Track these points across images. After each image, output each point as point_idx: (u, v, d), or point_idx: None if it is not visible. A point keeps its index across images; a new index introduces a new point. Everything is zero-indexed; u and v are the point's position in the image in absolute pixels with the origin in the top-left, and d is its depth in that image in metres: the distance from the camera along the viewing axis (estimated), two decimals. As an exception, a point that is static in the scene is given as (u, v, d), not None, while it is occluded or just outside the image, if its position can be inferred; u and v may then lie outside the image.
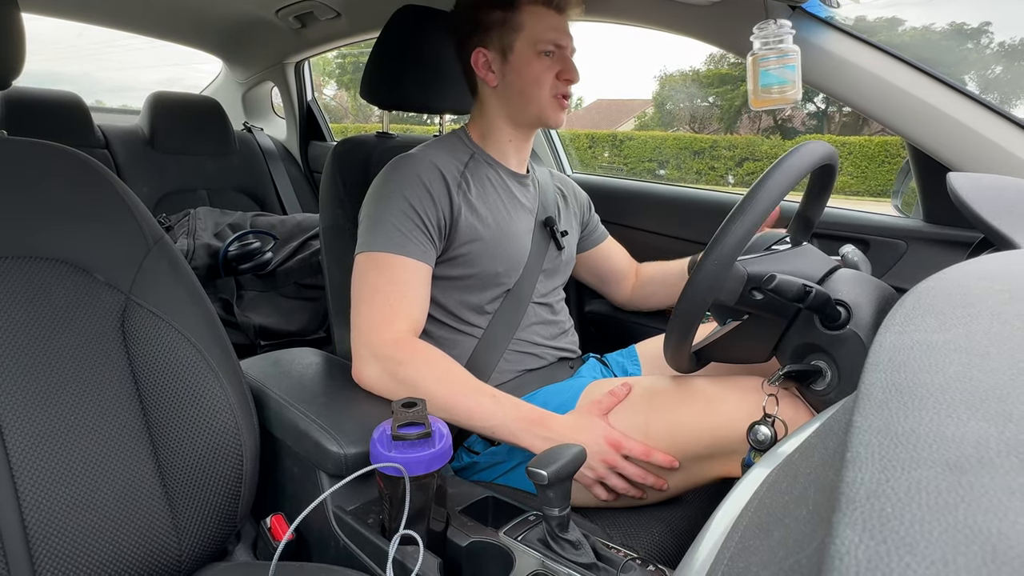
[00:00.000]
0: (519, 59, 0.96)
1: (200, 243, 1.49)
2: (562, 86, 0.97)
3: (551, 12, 0.96)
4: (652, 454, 0.77)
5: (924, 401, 0.22)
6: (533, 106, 0.97)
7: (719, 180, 10.64)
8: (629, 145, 12.72)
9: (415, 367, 0.82)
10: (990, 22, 17.26)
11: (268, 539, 0.75)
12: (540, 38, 0.95)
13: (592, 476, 0.79)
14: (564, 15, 0.97)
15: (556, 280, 1.08)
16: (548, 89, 0.96)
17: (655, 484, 0.79)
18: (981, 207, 0.55)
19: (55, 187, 0.72)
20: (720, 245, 0.64)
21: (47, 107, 1.75)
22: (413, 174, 0.92)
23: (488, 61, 0.98)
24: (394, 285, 0.87)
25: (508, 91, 0.98)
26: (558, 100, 0.98)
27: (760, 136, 14.50)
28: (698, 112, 17.09)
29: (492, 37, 0.97)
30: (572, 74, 0.97)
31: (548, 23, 0.95)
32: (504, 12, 0.95)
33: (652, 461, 0.78)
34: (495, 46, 0.97)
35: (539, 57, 0.95)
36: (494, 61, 0.98)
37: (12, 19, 0.73)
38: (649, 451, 0.78)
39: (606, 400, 0.83)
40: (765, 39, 0.90)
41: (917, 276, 0.44)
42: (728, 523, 0.34)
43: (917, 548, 0.16)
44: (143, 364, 0.70)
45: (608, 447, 0.78)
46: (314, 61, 2.24)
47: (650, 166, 12.04)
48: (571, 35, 0.99)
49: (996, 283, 0.33)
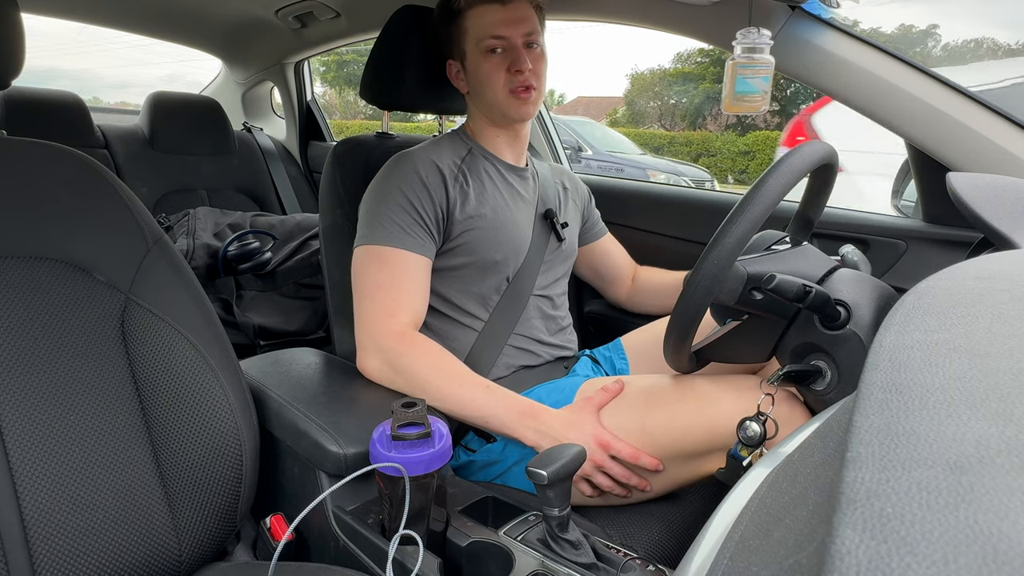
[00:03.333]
0: (472, 63, 0.98)
1: (200, 243, 1.49)
2: (515, 79, 0.96)
3: (494, 7, 0.95)
4: (640, 457, 0.79)
5: (924, 401, 0.22)
6: (494, 105, 0.99)
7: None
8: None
9: (413, 357, 0.84)
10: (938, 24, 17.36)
11: (268, 539, 0.75)
12: (482, 36, 0.96)
13: (578, 472, 0.80)
14: (511, 4, 0.95)
15: (557, 272, 1.09)
16: (502, 85, 0.96)
17: (639, 485, 0.81)
18: (981, 207, 0.55)
19: (55, 187, 0.71)
20: (720, 245, 0.64)
21: (47, 107, 1.75)
22: (411, 170, 0.94)
23: (457, 71, 1.02)
24: (395, 279, 0.89)
25: (474, 95, 1.01)
26: (516, 93, 0.97)
27: (714, 133, 14.66)
28: (667, 109, 17.19)
29: (453, 48, 1.01)
30: (520, 64, 0.95)
31: (489, 19, 0.95)
32: (454, 21, 0.98)
33: (639, 463, 0.79)
34: (456, 55, 1.01)
35: (486, 56, 0.96)
36: (460, 70, 1.02)
37: (12, 19, 0.73)
38: (637, 454, 0.79)
39: (599, 396, 0.83)
40: (746, 47, 0.90)
41: (917, 276, 0.44)
42: (728, 523, 0.34)
43: (917, 548, 0.16)
44: (143, 364, 0.70)
45: (597, 446, 0.79)
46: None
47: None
48: (523, 21, 0.96)
49: (996, 283, 0.33)
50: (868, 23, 16.83)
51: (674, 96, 17.27)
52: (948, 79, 0.92)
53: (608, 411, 0.82)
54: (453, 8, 0.97)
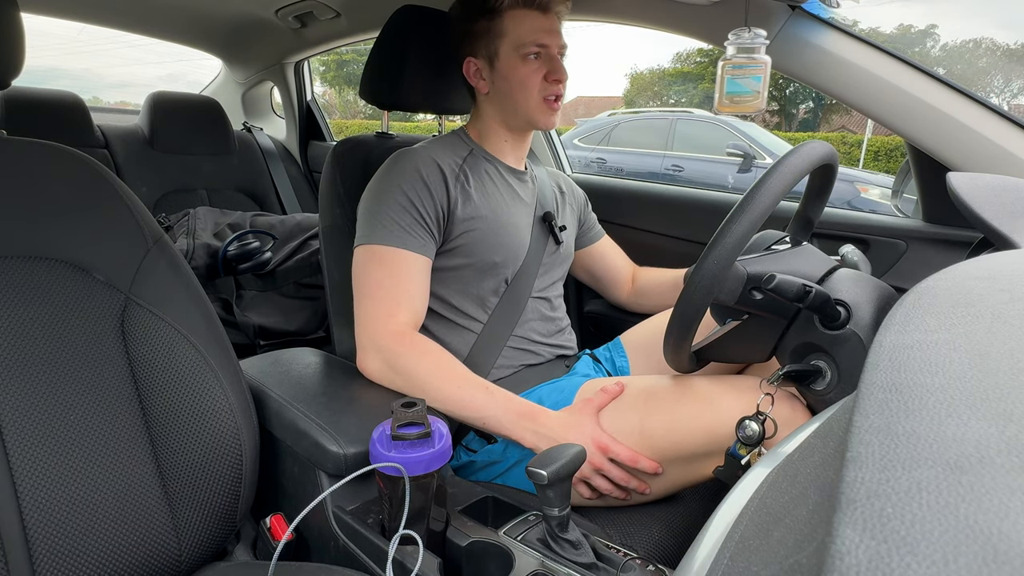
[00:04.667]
0: (505, 65, 0.97)
1: (199, 243, 1.49)
2: (550, 87, 0.97)
3: (534, 13, 0.95)
4: (639, 460, 0.78)
5: (924, 401, 0.22)
6: (522, 110, 0.98)
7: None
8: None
9: (412, 358, 0.85)
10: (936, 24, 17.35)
11: (268, 539, 0.75)
12: (523, 41, 0.95)
13: (576, 475, 0.80)
14: (549, 14, 0.96)
15: (554, 275, 1.09)
16: (536, 92, 0.96)
17: (638, 488, 0.81)
18: (981, 207, 0.55)
19: (55, 187, 0.71)
20: (720, 245, 0.64)
21: (47, 107, 1.75)
22: (412, 169, 0.93)
23: (479, 69, 1.00)
24: (395, 278, 0.89)
25: (498, 97, 1.00)
26: (548, 102, 0.97)
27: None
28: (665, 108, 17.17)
29: (479, 46, 0.99)
30: (559, 74, 0.96)
31: (530, 25, 0.95)
32: (488, 20, 0.97)
33: (638, 467, 0.79)
34: (483, 54, 0.99)
35: (524, 61, 0.96)
36: (483, 69, 1.00)
37: (12, 19, 0.73)
38: (636, 457, 0.79)
39: (598, 398, 0.83)
40: (738, 47, 0.90)
41: (917, 276, 0.44)
42: (728, 523, 0.34)
43: (918, 548, 0.16)
44: (142, 364, 0.70)
45: (595, 449, 0.79)
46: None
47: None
48: (558, 33, 0.98)
49: (996, 283, 0.33)
50: (867, 23, 16.86)
51: (673, 96, 17.29)
52: (948, 79, 0.92)
53: (607, 413, 0.82)
54: (490, 6, 0.96)
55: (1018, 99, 15.61)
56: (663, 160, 6.43)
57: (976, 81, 15.08)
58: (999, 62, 15.47)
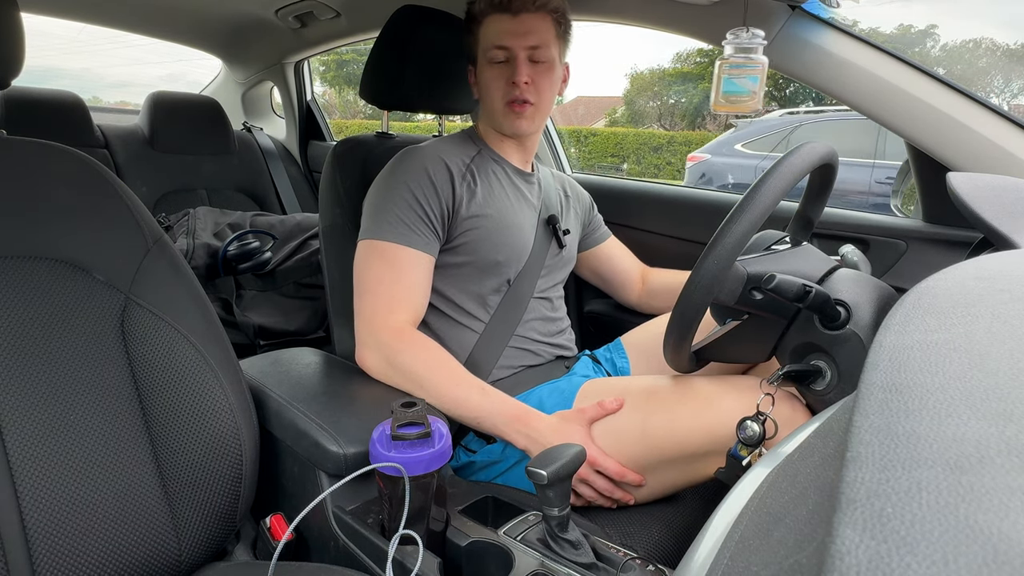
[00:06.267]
0: (479, 71, 0.99)
1: (199, 243, 1.49)
2: (511, 91, 0.95)
3: (504, 17, 0.94)
4: (625, 475, 0.79)
5: (924, 401, 0.22)
6: (492, 115, 0.99)
7: (675, 175, 10.78)
8: (593, 141, 12.92)
9: (411, 354, 0.85)
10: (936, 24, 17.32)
11: (268, 539, 0.75)
12: (488, 46, 0.95)
13: None
14: (519, 16, 0.93)
15: (556, 277, 1.09)
16: (499, 97, 0.96)
17: (622, 498, 0.82)
18: (981, 207, 0.55)
19: (54, 187, 0.71)
20: (719, 245, 0.64)
21: (47, 107, 1.75)
22: (419, 166, 0.94)
23: (473, 75, 1.03)
24: (396, 275, 0.89)
25: (481, 102, 1.02)
26: (511, 107, 0.96)
27: (714, 133, 14.72)
28: (666, 109, 17.17)
29: (472, 54, 1.02)
30: (518, 76, 0.93)
31: (497, 29, 0.94)
32: (475, 27, 0.98)
33: (624, 480, 0.80)
34: (473, 62, 1.02)
35: (490, 66, 0.96)
36: (473, 75, 1.02)
37: (12, 19, 0.73)
38: (622, 471, 0.80)
39: (592, 410, 0.83)
40: (735, 47, 0.90)
41: (917, 276, 0.44)
42: (728, 523, 0.34)
43: (918, 548, 0.16)
44: (142, 364, 0.70)
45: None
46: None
47: (614, 161, 12.21)
48: (530, 34, 0.93)
49: (996, 283, 0.33)
50: (867, 23, 16.84)
51: (673, 96, 17.27)
52: (948, 79, 0.92)
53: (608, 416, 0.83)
54: (472, 14, 0.98)
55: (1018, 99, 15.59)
56: (872, 171, 4.65)
57: (976, 81, 15.07)
58: (999, 62, 15.46)
